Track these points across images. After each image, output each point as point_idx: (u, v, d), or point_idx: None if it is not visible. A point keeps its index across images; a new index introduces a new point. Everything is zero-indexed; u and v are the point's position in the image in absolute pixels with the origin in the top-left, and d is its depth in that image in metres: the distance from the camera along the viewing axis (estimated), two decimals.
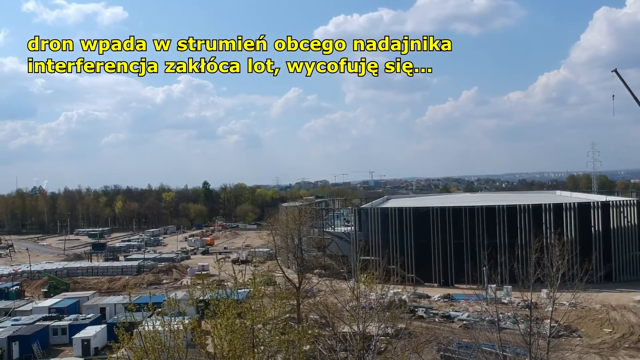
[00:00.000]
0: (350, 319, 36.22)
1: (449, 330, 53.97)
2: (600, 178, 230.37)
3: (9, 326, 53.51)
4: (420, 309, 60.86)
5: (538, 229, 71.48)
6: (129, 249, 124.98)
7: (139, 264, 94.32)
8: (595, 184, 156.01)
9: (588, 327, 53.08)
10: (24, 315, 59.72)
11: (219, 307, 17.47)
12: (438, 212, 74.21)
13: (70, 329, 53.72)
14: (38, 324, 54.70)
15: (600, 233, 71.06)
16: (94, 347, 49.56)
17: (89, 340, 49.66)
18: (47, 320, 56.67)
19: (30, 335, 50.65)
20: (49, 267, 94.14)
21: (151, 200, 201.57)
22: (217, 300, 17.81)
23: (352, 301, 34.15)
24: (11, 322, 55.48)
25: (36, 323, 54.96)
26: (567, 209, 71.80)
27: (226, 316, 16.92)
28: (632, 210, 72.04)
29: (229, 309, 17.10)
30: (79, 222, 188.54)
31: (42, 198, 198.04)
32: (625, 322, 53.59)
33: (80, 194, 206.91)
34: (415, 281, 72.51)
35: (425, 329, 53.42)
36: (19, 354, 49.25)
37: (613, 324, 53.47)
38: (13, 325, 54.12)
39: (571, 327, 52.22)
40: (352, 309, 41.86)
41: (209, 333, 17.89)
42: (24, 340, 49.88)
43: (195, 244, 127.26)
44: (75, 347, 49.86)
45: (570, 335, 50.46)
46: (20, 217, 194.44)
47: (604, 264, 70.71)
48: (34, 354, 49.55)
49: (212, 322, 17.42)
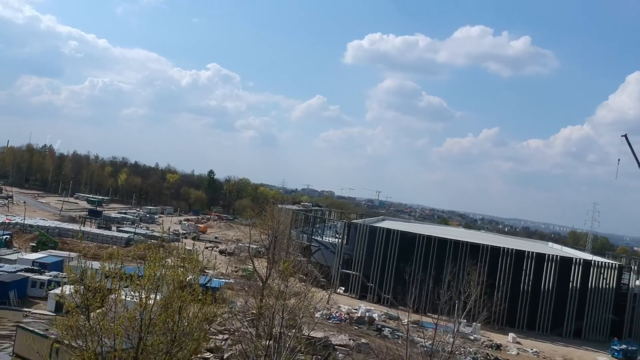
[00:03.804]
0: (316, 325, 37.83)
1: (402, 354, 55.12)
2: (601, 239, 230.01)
3: None
4: (387, 329, 62.16)
5: (517, 274, 72.96)
6: (123, 221, 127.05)
7: (128, 237, 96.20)
8: (590, 243, 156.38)
9: None
10: (8, 264, 61.63)
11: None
12: (424, 239, 75.62)
13: (48, 284, 55.47)
14: (19, 273, 56.57)
15: (577, 289, 72.09)
16: None
17: None
18: (28, 272, 58.51)
19: (9, 283, 52.47)
20: (42, 224, 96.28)
21: (155, 179, 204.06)
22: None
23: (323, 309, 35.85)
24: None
25: (17, 273, 56.84)
26: (548, 260, 72.97)
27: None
28: (612, 274, 73.00)
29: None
30: (81, 187, 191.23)
31: (50, 157, 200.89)
32: None
33: (87, 160, 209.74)
34: (390, 302, 73.73)
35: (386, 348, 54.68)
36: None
37: None
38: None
39: None
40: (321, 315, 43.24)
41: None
42: (2, 286, 51.67)
43: (189, 228, 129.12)
44: (50, 302, 51.57)
45: None
46: (26, 172, 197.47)
47: (576, 320, 71.73)
48: (9, 301, 51.38)
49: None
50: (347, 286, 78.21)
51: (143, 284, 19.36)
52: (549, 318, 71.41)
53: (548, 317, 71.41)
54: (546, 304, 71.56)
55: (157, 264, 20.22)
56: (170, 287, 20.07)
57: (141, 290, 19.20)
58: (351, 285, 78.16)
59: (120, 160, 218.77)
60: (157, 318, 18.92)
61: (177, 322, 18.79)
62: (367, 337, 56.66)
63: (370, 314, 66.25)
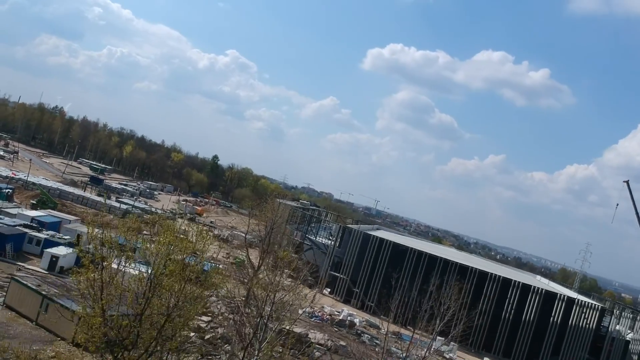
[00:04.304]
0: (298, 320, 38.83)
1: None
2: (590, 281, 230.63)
3: None
4: (366, 335, 63.23)
5: (501, 301, 74.00)
6: (122, 192, 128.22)
7: (126, 209, 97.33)
8: (578, 283, 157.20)
9: None
10: (8, 217, 62.80)
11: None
12: (415, 253, 76.69)
13: (44, 242, 56.70)
14: (18, 228, 57.76)
15: (557, 325, 73.07)
16: (60, 266, 52.42)
17: (58, 258, 52.59)
18: (26, 228, 59.71)
19: (7, 235, 53.65)
20: (45, 184, 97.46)
21: (159, 155, 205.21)
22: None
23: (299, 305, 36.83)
24: None
25: (16, 227, 58.02)
26: (533, 292, 73.95)
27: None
28: (593, 314, 73.97)
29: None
30: (86, 153, 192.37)
31: (60, 119, 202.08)
32: None
33: (96, 127, 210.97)
34: (373, 311, 74.80)
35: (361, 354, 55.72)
36: None
37: None
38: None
39: None
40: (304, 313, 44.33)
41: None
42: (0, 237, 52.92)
43: (186, 209, 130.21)
44: (44, 260, 52.84)
45: None
46: (34, 130, 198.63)
47: (552, 355, 72.69)
48: (5, 253, 52.57)
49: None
50: (333, 288, 79.28)
51: (157, 250, 20.73)
52: (526, 348, 72.37)
53: (525, 347, 72.38)
54: (525, 334, 72.55)
55: (170, 234, 21.65)
56: (177, 257, 21.31)
57: (155, 255, 20.54)
58: (337, 288, 79.24)
59: (127, 132, 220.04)
60: (164, 281, 20.12)
61: (181, 288, 19.96)
62: (345, 340, 57.73)
63: (352, 318, 67.31)
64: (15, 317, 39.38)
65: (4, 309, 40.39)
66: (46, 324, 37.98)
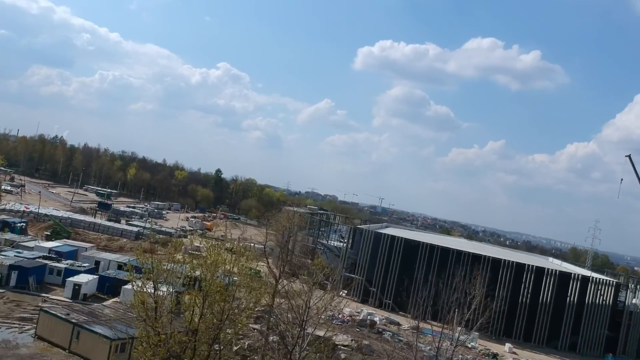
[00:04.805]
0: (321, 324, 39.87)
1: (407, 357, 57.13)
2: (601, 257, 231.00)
3: (12, 256, 57.80)
4: (388, 333, 64.14)
5: (517, 286, 74.82)
6: (131, 214, 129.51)
7: (138, 231, 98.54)
8: (590, 261, 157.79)
9: None
10: (26, 251, 64.05)
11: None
12: (427, 248, 77.58)
13: (65, 272, 57.90)
14: (38, 260, 58.96)
15: (574, 304, 73.86)
16: (83, 293, 53.63)
17: (81, 286, 53.76)
18: (46, 259, 60.92)
19: (29, 268, 54.88)
20: (55, 214, 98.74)
21: (163, 175, 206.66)
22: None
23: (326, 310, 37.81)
24: (14, 253, 59.78)
25: (36, 259, 59.23)
26: (547, 274, 74.78)
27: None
28: (609, 290, 74.77)
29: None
30: (90, 179, 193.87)
31: (62, 148, 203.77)
32: None
33: (97, 153, 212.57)
34: (392, 308, 75.74)
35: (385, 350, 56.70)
36: (16, 282, 53.49)
37: None
38: (15, 256, 58.41)
39: None
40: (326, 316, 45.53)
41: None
42: (22, 271, 54.12)
43: (195, 225, 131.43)
44: (67, 288, 54.00)
45: None
46: (36, 162, 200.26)
47: (572, 334, 73.47)
48: (28, 286, 53.74)
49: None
50: (349, 289, 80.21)
51: (207, 267, 21.93)
52: (546, 331, 73.17)
53: (545, 329, 73.17)
54: (543, 317, 73.33)
55: (216, 253, 22.93)
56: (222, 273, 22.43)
57: (206, 272, 21.72)
58: (354, 289, 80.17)
59: (129, 155, 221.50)
60: (215, 296, 21.23)
61: (230, 302, 21.05)
62: (368, 339, 58.65)
63: (372, 317, 68.23)
64: (48, 347, 40.52)
65: (36, 340, 41.53)
66: (79, 351, 39.13)
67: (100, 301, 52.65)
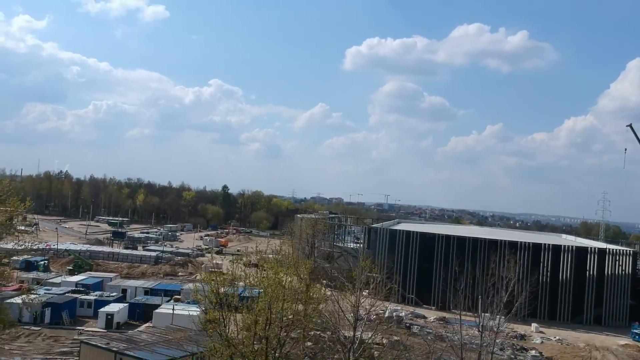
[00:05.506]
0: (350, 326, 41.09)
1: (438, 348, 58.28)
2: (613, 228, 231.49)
3: (42, 294, 59.13)
4: (415, 326, 65.27)
5: (535, 267, 75.78)
6: (147, 240, 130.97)
7: (157, 255, 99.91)
8: (602, 233, 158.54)
9: None
10: (54, 287, 65.47)
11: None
12: (443, 239, 78.72)
13: (95, 303, 59.28)
14: (67, 295, 60.34)
15: (594, 277, 74.84)
16: (116, 322, 54.96)
17: (113, 315, 55.09)
18: (74, 293, 62.30)
19: (61, 304, 56.26)
20: (74, 248, 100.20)
21: (172, 197, 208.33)
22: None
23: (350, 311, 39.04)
24: (43, 291, 61.16)
25: (65, 294, 60.62)
26: (565, 251, 75.84)
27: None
28: (627, 260, 75.76)
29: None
30: (100, 210, 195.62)
31: (68, 182, 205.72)
32: None
33: (104, 183, 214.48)
34: (415, 302, 76.84)
35: (416, 344, 57.88)
36: (50, 319, 54.84)
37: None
38: (45, 294, 59.78)
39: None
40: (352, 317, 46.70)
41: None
42: (55, 307, 55.48)
43: (210, 243, 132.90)
44: (100, 319, 55.32)
45: None
46: (45, 199, 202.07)
47: (595, 308, 74.43)
48: (62, 321, 55.08)
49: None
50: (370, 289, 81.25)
51: (268, 284, 23.55)
52: (569, 307, 74.16)
53: (568, 306, 74.16)
54: (565, 294, 74.34)
55: (274, 271, 24.56)
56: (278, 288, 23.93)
57: (267, 287, 23.28)
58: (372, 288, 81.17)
59: (135, 182, 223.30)
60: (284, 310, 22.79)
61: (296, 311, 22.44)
62: (398, 335, 59.74)
63: (397, 313, 69.33)
64: None
65: None
66: None
67: (133, 328, 53.96)
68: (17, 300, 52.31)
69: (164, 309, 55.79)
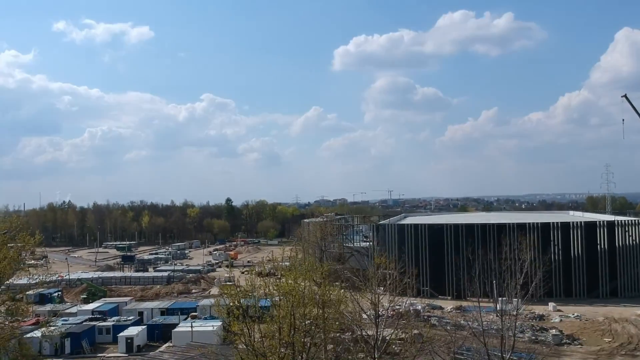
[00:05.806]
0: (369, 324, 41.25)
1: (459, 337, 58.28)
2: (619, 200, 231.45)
3: (60, 325, 59.22)
4: (433, 318, 65.29)
5: (546, 246, 75.86)
6: (157, 261, 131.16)
7: (169, 275, 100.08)
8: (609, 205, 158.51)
9: (590, 336, 56.88)
10: (70, 317, 65.59)
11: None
12: (452, 228, 78.82)
13: (113, 328, 59.41)
14: (85, 323, 60.49)
15: (606, 251, 74.86)
16: (136, 345, 55.11)
17: (132, 339, 55.22)
18: (92, 321, 62.44)
19: (80, 333, 56.43)
20: (85, 276, 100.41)
21: (176, 216, 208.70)
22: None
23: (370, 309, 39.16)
24: (61, 322, 61.26)
25: (83, 323, 60.76)
26: (574, 228, 75.91)
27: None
28: (637, 230, 75.78)
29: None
30: (107, 236, 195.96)
31: (72, 212, 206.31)
32: (625, 333, 57.27)
33: (108, 209, 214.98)
34: (430, 294, 76.85)
35: (437, 335, 57.87)
36: (70, 349, 54.97)
37: (613, 334, 57.16)
38: (63, 324, 59.88)
39: (573, 336, 56.26)
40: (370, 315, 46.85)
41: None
42: (74, 337, 55.61)
43: (220, 257, 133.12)
44: (120, 344, 55.45)
45: (572, 343, 54.53)
46: (51, 230, 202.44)
47: (610, 280, 74.43)
48: (83, 350, 55.22)
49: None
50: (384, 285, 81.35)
51: (288, 290, 24.01)
52: (584, 283, 74.15)
53: (582, 282, 74.15)
54: (579, 270, 74.33)
55: (292, 277, 25.08)
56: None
57: (289, 296, 23.72)
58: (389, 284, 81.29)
59: (138, 204, 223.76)
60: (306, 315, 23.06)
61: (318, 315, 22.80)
62: (417, 328, 59.74)
63: (414, 306, 69.35)
64: None
65: None
66: None
67: (154, 349, 54.08)
68: (37, 334, 52.42)
69: (182, 327, 55.98)
